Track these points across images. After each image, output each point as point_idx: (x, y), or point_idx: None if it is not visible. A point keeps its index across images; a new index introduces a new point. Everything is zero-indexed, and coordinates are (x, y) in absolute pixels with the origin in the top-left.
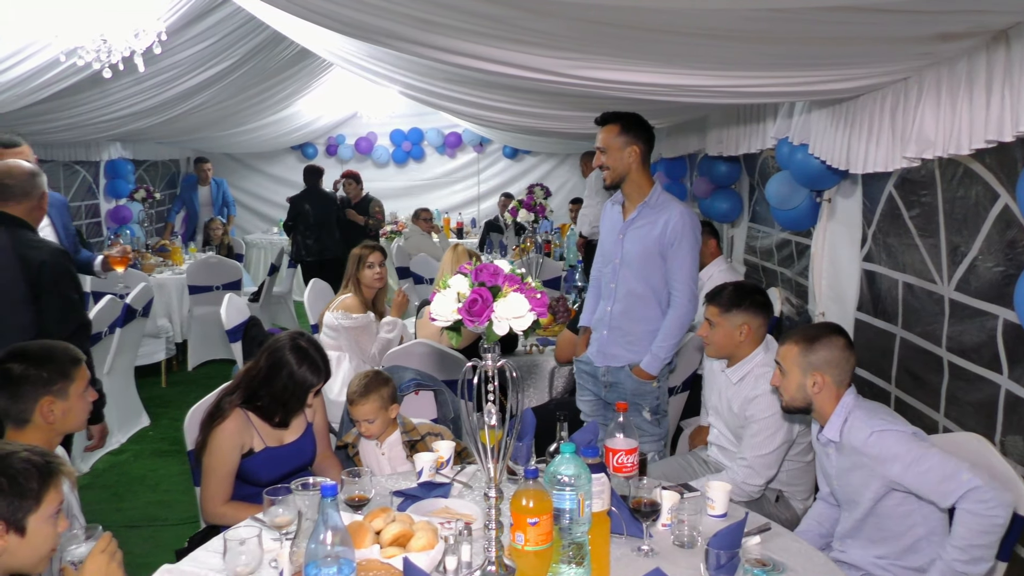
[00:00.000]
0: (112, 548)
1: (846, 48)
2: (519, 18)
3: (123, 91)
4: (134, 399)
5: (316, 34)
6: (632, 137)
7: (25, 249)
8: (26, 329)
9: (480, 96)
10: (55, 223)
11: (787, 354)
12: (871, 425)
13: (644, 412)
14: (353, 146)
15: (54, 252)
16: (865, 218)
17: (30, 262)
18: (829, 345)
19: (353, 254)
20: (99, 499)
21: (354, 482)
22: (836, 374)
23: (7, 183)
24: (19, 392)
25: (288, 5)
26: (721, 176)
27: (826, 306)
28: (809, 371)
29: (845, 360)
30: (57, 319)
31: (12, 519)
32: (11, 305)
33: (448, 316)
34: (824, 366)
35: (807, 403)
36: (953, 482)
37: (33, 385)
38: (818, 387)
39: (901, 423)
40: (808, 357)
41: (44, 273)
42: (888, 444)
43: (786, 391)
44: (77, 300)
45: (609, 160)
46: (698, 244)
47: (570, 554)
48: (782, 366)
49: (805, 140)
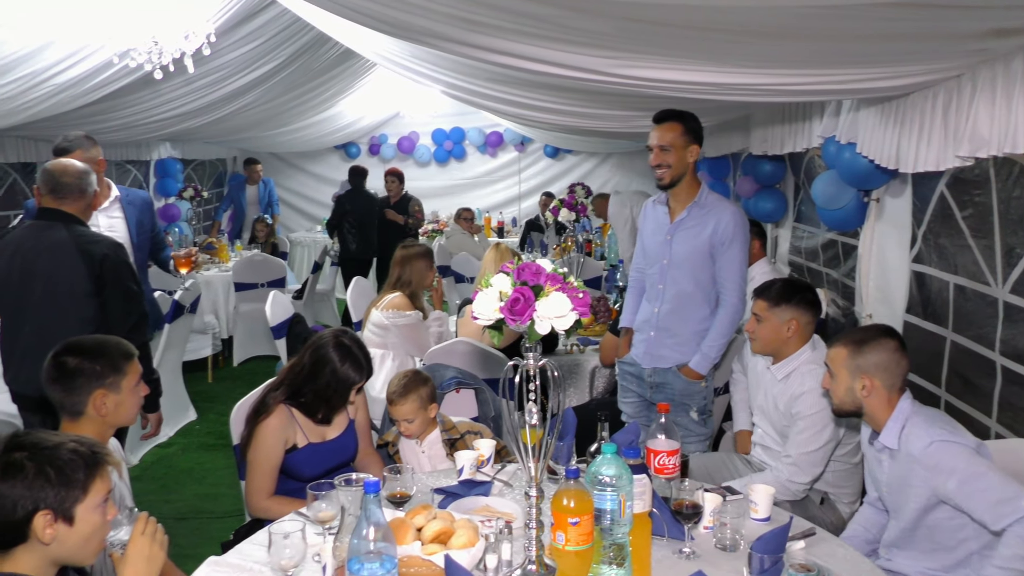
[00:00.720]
0: (151, 529)
1: (897, 45)
2: (563, 17)
3: (173, 92)
4: (181, 393)
5: (360, 35)
6: (693, 137)
7: (86, 244)
8: (89, 322)
9: (522, 95)
10: (128, 219)
11: (836, 356)
12: (931, 434)
13: (691, 412)
14: (395, 145)
15: (113, 246)
16: (915, 218)
17: (92, 256)
18: (878, 348)
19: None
20: (148, 491)
21: (396, 479)
22: (886, 378)
23: (64, 181)
24: (73, 385)
25: (335, 7)
26: (765, 175)
27: (873, 308)
28: (858, 374)
29: (896, 364)
30: (120, 311)
31: (60, 508)
32: (74, 299)
33: (490, 315)
34: (873, 369)
35: (857, 407)
36: (1009, 506)
37: (87, 378)
38: (867, 391)
39: (963, 434)
40: (856, 360)
41: (106, 267)
42: (947, 456)
43: (835, 394)
44: (137, 292)
45: (672, 159)
46: (748, 243)
47: (611, 555)
48: (831, 369)
49: (853, 139)
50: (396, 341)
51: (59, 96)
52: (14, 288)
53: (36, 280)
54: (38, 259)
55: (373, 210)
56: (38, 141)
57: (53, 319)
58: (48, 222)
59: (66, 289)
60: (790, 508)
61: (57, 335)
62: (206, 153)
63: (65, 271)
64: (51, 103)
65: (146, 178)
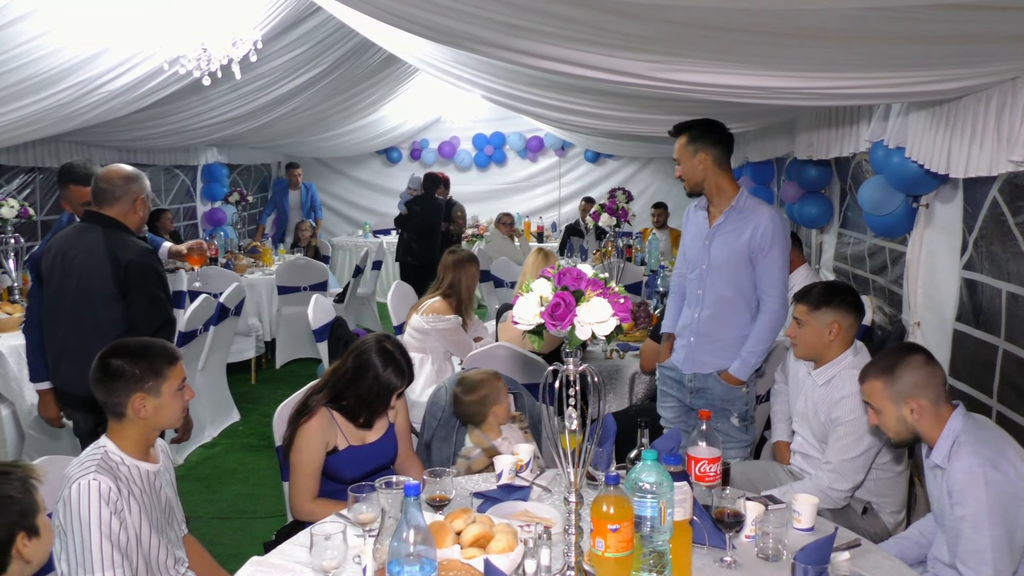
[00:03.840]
0: None
1: (949, 47)
2: (607, 21)
3: (220, 98)
4: (225, 395)
5: (403, 40)
6: (700, 145)
7: (116, 248)
8: (116, 324)
9: (564, 100)
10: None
11: (872, 392)
12: (977, 459)
13: (732, 418)
14: (436, 150)
15: (142, 252)
16: (966, 224)
17: (118, 260)
18: (909, 367)
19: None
20: (193, 490)
21: (435, 482)
22: (928, 393)
23: (102, 186)
24: (113, 386)
25: (380, 12)
26: (811, 180)
27: (922, 316)
28: (901, 400)
29: (931, 375)
30: (143, 315)
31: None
32: (103, 301)
33: (531, 320)
34: (914, 390)
35: (913, 433)
36: (973, 560)
37: (126, 381)
38: (916, 413)
39: (1007, 466)
40: (894, 387)
41: (131, 271)
42: (975, 488)
43: (887, 428)
44: (163, 298)
45: (683, 170)
46: (788, 247)
47: (651, 562)
48: (873, 406)
49: (902, 143)
50: (435, 345)
51: (112, 102)
52: (54, 286)
53: (71, 280)
54: (75, 260)
55: (437, 217)
56: (91, 146)
57: (85, 319)
58: (89, 224)
59: (96, 291)
60: (831, 517)
61: (88, 335)
62: (251, 158)
63: (95, 273)
64: (104, 109)
65: (193, 183)
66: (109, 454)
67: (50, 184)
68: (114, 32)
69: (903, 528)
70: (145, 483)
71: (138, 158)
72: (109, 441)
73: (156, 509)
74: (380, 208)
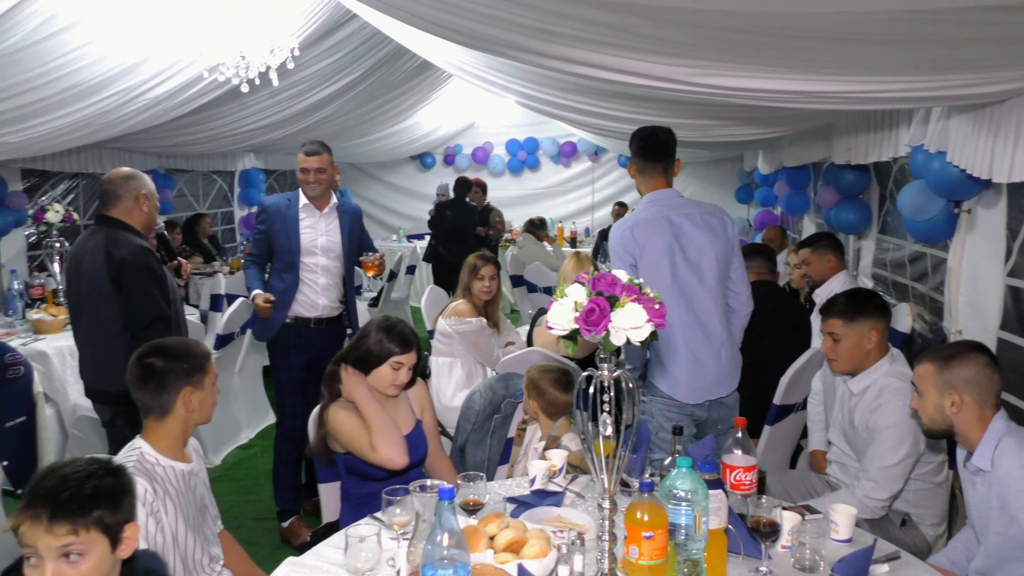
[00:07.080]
0: None
1: (992, 50)
2: (640, 26)
3: (258, 104)
4: (262, 397)
5: (437, 46)
6: (632, 153)
7: (111, 246)
8: (114, 320)
9: (597, 105)
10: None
11: (923, 374)
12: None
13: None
14: (470, 155)
15: (135, 249)
16: (1010, 230)
17: (112, 258)
18: (966, 363)
19: (468, 263)
20: (229, 491)
21: (469, 486)
22: (977, 393)
23: (105, 189)
24: (164, 384)
25: (414, 20)
26: (848, 185)
27: (964, 324)
28: (946, 390)
29: (987, 379)
30: (136, 311)
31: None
32: (101, 298)
33: (565, 325)
34: (962, 384)
35: (947, 425)
36: None
37: (177, 377)
38: (956, 407)
39: None
40: (944, 375)
41: (124, 269)
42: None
43: (924, 413)
44: (156, 295)
45: None
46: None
47: (685, 571)
48: (918, 387)
49: (943, 147)
50: (461, 349)
51: (153, 109)
52: (72, 287)
53: (82, 280)
54: (82, 261)
55: (468, 222)
56: (132, 152)
57: (92, 317)
58: (96, 227)
59: (97, 289)
60: (868, 528)
61: (96, 332)
62: (288, 163)
63: (95, 272)
64: (145, 116)
65: (231, 188)
66: (145, 455)
67: (93, 190)
68: (155, 41)
69: (944, 541)
70: (180, 483)
71: (177, 164)
72: (144, 443)
73: (192, 508)
74: (414, 213)
